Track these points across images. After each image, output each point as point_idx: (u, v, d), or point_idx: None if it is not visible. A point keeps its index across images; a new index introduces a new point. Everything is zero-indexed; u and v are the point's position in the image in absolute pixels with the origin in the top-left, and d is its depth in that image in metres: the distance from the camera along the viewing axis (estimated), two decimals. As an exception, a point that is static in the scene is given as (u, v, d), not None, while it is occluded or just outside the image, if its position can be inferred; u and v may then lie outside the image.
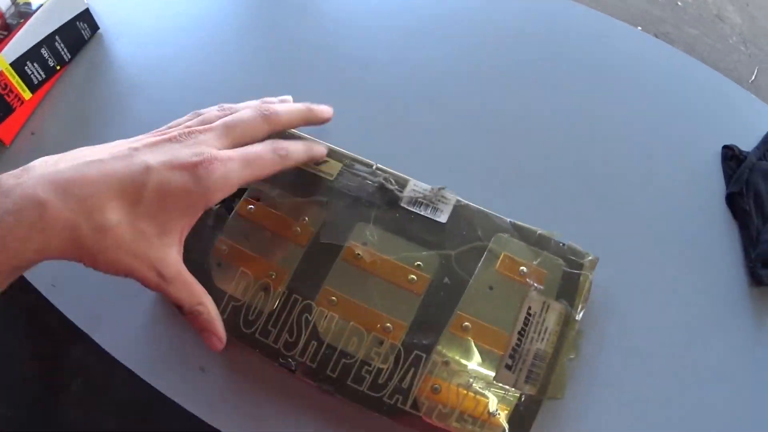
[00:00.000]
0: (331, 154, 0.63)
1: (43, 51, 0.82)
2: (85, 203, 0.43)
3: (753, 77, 2.01)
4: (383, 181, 0.60)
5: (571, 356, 0.53)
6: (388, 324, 0.53)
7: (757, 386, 0.58)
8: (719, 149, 0.71)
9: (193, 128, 0.51)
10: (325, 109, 0.62)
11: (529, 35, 0.82)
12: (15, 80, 0.78)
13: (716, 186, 0.69)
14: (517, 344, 0.53)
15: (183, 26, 0.88)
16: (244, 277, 0.56)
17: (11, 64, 0.77)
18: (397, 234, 0.57)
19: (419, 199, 0.59)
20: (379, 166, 0.62)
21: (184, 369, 0.58)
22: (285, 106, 0.58)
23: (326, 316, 0.54)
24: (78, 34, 0.87)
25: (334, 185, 0.61)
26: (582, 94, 0.76)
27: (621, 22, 0.84)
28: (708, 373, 0.58)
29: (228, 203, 0.60)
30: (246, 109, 0.55)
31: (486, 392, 0.51)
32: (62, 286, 0.65)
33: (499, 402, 0.51)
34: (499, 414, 0.50)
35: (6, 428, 1.63)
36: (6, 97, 0.78)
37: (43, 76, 0.83)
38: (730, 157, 0.70)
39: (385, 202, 0.59)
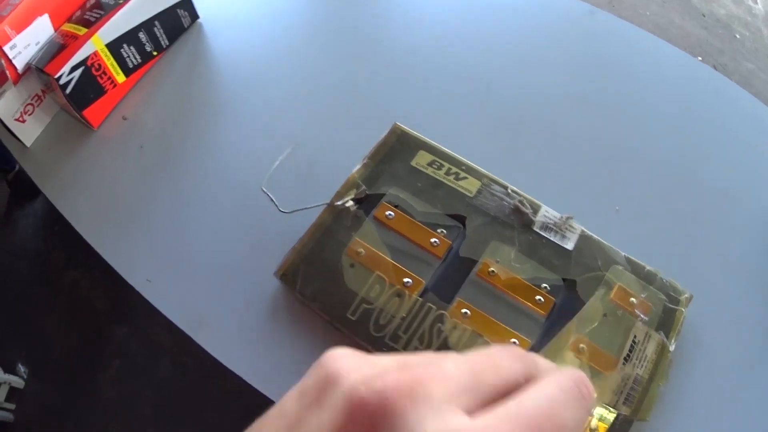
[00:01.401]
0: (470, 171, 0.65)
1: (141, 35, 0.81)
2: None
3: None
4: (519, 204, 0.63)
5: (662, 383, 0.57)
6: (515, 340, 0.56)
7: None
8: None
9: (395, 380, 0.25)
10: None
11: (616, 65, 0.84)
12: (110, 62, 0.78)
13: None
14: (621, 368, 0.56)
15: (282, 19, 0.88)
16: (378, 281, 0.58)
17: (107, 45, 0.77)
18: (528, 256, 0.60)
19: (550, 225, 0.62)
20: (514, 188, 0.64)
21: (297, 375, 0.59)
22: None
23: (457, 328, 0.57)
24: (178, 21, 0.87)
25: (473, 202, 0.63)
26: (677, 134, 0.78)
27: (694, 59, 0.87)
28: None
29: (367, 206, 0.62)
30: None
31: (594, 412, 0.54)
32: (160, 282, 0.66)
33: (600, 419, 0.54)
34: (597, 430, 0.54)
35: (35, 402, 1.68)
36: (99, 78, 0.77)
37: (139, 60, 0.82)
38: None
39: (519, 224, 0.62)
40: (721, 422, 0.59)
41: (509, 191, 0.64)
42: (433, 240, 0.60)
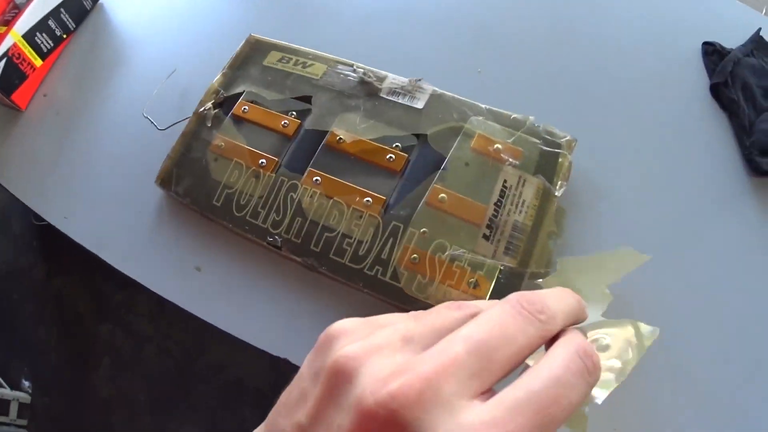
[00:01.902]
0: (316, 58, 0.68)
1: (50, 22, 0.91)
2: None
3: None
4: (363, 76, 0.64)
5: (553, 230, 0.55)
6: (368, 199, 0.57)
7: (762, 279, 0.58)
8: (699, 46, 0.72)
9: (417, 366, 0.26)
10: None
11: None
12: (27, 50, 0.87)
13: (699, 78, 0.70)
14: (494, 215, 0.55)
15: None
16: (237, 167, 0.61)
17: (23, 36, 0.86)
18: (376, 120, 0.61)
19: (397, 90, 0.63)
20: (359, 64, 0.66)
21: (181, 271, 0.63)
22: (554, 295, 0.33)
23: (310, 194, 0.58)
24: (80, 5, 0.96)
25: (319, 83, 0.65)
26: None
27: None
28: (703, 261, 0.59)
29: (227, 107, 0.66)
30: (498, 310, 0.29)
31: (465, 263, 0.53)
32: (74, 217, 0.71)
33: (478, 272, 0.53)
34: (479, 286, 0.53)
35: (45, 414, 1.74)
36: (20, 65, 0.87)
37: (52, 44, 0.92)
38: (711, 52, 0.71)
39: (365, 94, 0.63)
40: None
41: (354, 68, 0.66)
42: (283, 122, 0.63)
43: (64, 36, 0.93)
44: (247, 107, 0.65)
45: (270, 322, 0.59)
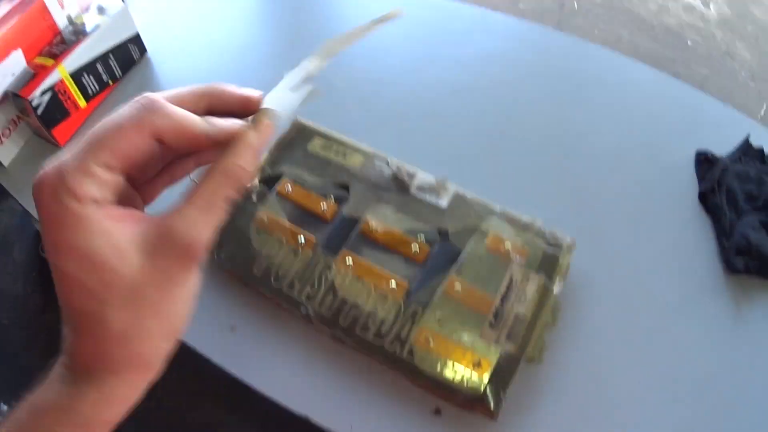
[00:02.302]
0: (356, 149, 0.77)
1: (98, 66, 0.96)
2: None
3: (762, 112, 2.11)
4: (396, 171, 0.73)
5: (549, 321, 0.64)
6: (393, 283, 0.65)
7: (733, 367, 0.66)
8: (692, 154, 0.82)
9: None
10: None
11: (532, 63, 0.95)
12: (73, 89, 0.92)
13: (690, 185, 0.79)
14: (499, 306, 0.63)
15: (221, 51, 1.03)
16: (277, 241, 0.69)
17: (71, 74, 0.91)
18: (405, 213, 0.70)
19: (425, 187, 0.72)
20: (393, 159, 0.75)
21: (217, 329, 0.70)
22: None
23: (342, 274, 0.66)
24: (129, 54, 1.02)
25: (357, 173, 0.74)
26: (568, 105, 0.89)
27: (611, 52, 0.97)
28: (682, 351, 0.67)
29: (271, 184, 0.74)
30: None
31: (472, 346, 0.61)
32: None
33: (482, 355, 0.61)
34: (481, 366, 0.60)
35: None
36: (64, 102, 0.91)
37: (97, 88, 0.97)
38: (703, 160, 0.80)
39: (397, 188, 0.72)
40: (619, 361, 0.66)
41: (388, 163, 0.75)
42: (323, 205, 0.71)
43: (110, 82, 0.98)
44: (290, 187, 0.73)
45: (295, 382, 0.65)
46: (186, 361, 0.67)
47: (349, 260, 0.67)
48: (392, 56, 0.98)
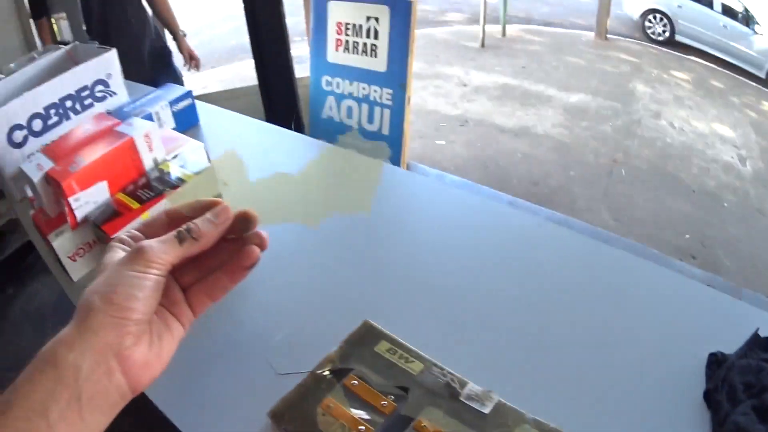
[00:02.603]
0: (417, 357, 0.89)
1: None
2: None
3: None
4: (450, 381, 0.85)
5: None
6: (435, 478, 0.75)
7: None
8: (705, 356, 0.88)
9: None
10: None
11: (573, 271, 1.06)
12: None
13: (698, 385, 0.85)
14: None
15: (290, 237, 1.18)
16: (340, 426, 0.80)
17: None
18: (453, 417, 0.81)
19: (473, 396, 0.83)
20: (449, 369, 0.87)
21: None
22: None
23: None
24: None
25: (416, 379, 0.86)
26: (599, 316, 0.98)
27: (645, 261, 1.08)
28: None
29: (339, 375, 0.86)
30: None
31: None
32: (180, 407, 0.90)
33: None
34: None
35: None
36: None
37: None
38: (714, 361, 0.86)
39: (449, 395, 0.84)
40: None
41: (445, 372, 0.86)
42: (383, 402, 0.83)
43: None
44: (356, 382, 0.85)
45: None
46: None
47: (398, 453, 0.78)
48: (456, 261, 1.12)
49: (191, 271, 0.69)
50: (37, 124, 1.29)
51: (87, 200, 1.01)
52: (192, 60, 3.80)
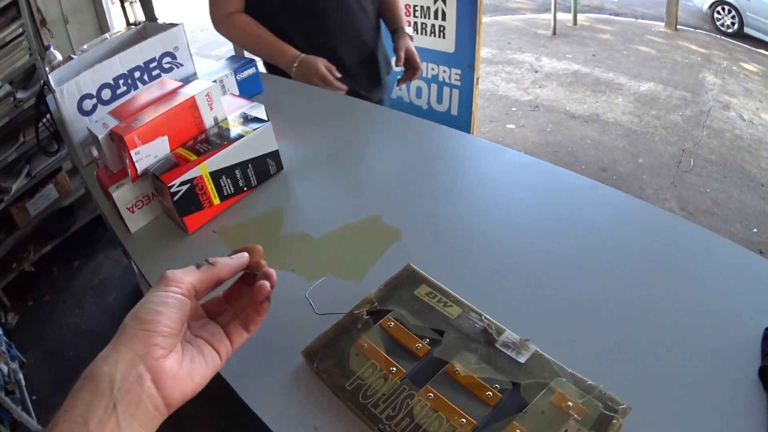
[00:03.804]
0: (456, 301, 0.89)
1: (237, 172, 1.11)
2: None
3: None
4: (486, 326, 0.84)
5: None
6: (463, 419, 0.75)
7: None
8: (761, 330, 0.85)
9: None
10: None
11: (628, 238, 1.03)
12: (210, 186, 1.07)
13: (752, 360, 0.82)
14: (551, 456, 0.72)
15: (340, 191, 1.19)
16: (372, 366, 0.81)
17: (210, 173, 1.06)
18: (487, 363, 0.80)
19: (509, 344, 0.82)
20: (486, 316, 0.87)
21: (301, 424, 0.80)
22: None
23: (422, 405, 0.77)
24: (266, 167, 1.18)
25: (453, 322, 0.86)
26: (652, 283, 0.95)
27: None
28: None
29: (376, 317, 0.87)
30: None
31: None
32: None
33: None
34: None
35: None
36: (200, 196, 1.06)
37: (232, 190, 1.12)
38: None
39: (485, 341, 0.83)
40: None
41: (483, 318, 0.86)
42: (417, 345, 0.83)
43: (245, 188, 1.13)
44: (392, 323, 0.86)
45: None
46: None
47: (431, 395, 0.77)
48: (504, 219, 1.11)
49: (227, 312, 0.80)
50: (106, 94, 1.34)
51: (148, 153, 1.06)
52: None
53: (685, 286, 0.94)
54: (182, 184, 1.03)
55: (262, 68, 1.67)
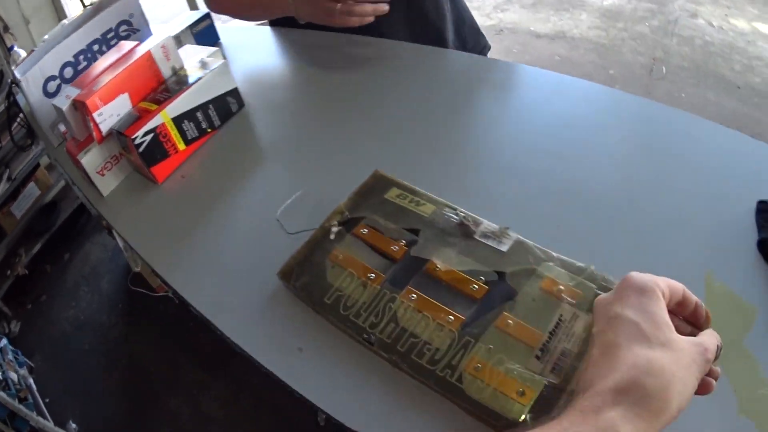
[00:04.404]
0: (428, 199, 0.85)
1: (199, 114, 1.09)
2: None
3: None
4: (463, 219, 0.80)
5: None
6: (450, 316, 0.71)
7: None
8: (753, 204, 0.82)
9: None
10: None
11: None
12: (173, 132, 1.05)
13: (749, 234, 0.79)
14: (547, 341, 0.68)
15: (305, 118, 1.15)
16: (349, 276, 0.77)
17: (172, 119, 1.04)
18: (468, 256, 0.77)
19: (488, 234, 0.78)
20: (461, 209, 0.82)
21: (285, 349, 0.77)
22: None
23: (405, 307, 0.73)
24: (227, 106, 1.15)
25: (427, 220, 0.82)
26: (635, 162, 0.93)
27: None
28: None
29: (349, 226, 0.83)
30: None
31: (518, 376, 0.66)
32: (195, 285, 0.88)
33: (526, 385, 0.65)
34: (525, 395, 0.64)
35: None
36: (165, 144, 1.04)
37: (197, 134, 1.10)
38: (764, 209, 0.81)
39: (462, 234, 0.79)
40: None
41: (458, 212, 0.82)
42: (393, 247, 0.79)
43: (209, 130, 1.11)
44: (366, 230, 0.82)
45: (355, 401, 0.71)
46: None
47: (413, 295, 0.74)
48: (472, 115, 1.08)
49: None
50: (69, 72, 1.33)
51: (111, 113, 1.04)
52: None
53: (675, 168, 0.91)
54: (146, 134, 1.01)
55: (218, 22, 1.60)
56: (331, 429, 0.83)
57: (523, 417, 0.63)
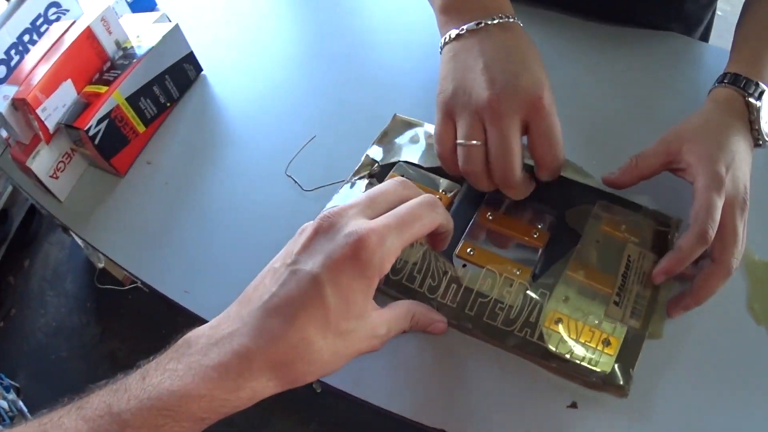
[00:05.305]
0: None
1: (155, 88, 0.94)
2: (286, 341, 0.46)
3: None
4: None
5: (666, 297, 0.64)
6: (516, 270, 0.65)
7: None
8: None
9: (331, 211, 0.52)
10: None
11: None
12: (130, 114, 0.91)
13: None
14: (621, 284, 0.64)
15: (275, 65, 1.03)
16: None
17: (127, 99, 0.89)
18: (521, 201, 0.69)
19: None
20: None
21: None
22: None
23: (465, 265, 0.67)
24: (185, 74, 1.00)
25: None
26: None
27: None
28: None
29: (380, 177, 0.76)
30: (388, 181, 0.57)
31: (600, 325, 0.62)
32: (195, 292, 0.77)
33: (610, 333, 0.61)
34: (610, 344, 0.61)
35: None
36: (122, 129, 0.90)
37: (156, 111, 0.95)
38: None
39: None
40: (731, 333, 0.64)
41: None
42: (436, 197, 0.70)
43: (168, 104, 0.97)
44: (402, 175, 0.74)
45: (419, 392, 0.65)
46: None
47: (471, 250, 0.67)
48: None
49: None
50: (2, 71, 1.15)
51: (55, 106, 0.89)
52: None
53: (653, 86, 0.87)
54: (100, 122, 0.86)
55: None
56: (328, 396, 0.77)
57: (611, 367, 0.59)
